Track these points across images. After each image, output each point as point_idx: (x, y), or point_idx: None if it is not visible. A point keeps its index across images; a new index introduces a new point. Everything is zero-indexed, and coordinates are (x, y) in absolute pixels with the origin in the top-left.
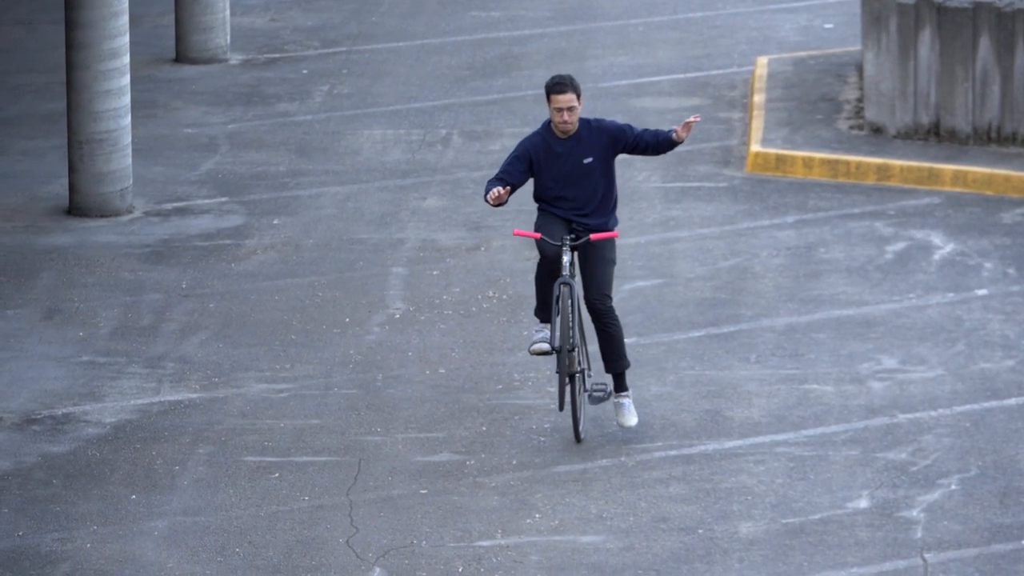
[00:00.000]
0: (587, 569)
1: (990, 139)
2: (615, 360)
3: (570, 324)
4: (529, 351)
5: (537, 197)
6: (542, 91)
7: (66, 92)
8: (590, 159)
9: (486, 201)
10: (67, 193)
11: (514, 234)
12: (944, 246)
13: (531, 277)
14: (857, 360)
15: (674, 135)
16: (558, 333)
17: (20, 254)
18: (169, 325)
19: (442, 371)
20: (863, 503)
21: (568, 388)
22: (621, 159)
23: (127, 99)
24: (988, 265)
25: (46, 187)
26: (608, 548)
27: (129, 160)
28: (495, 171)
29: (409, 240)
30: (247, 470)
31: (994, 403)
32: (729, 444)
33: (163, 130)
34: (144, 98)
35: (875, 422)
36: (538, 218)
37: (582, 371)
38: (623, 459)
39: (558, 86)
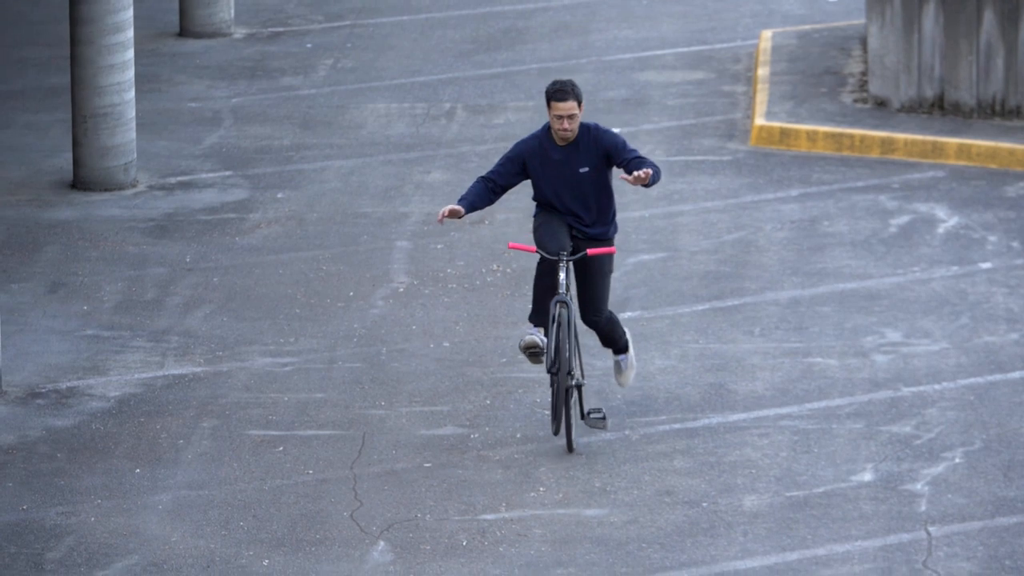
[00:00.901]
0: (591, 542)
1: (994, 112)
2: (611, 343)
3: (566, 349)
4: (519, 346)
5: (537, 198)
6: (546, 64)
7: (70, 66)
8: (585, 168)
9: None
10: (71, 167)
11: (510, 247)
12: (948, 219)
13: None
14: (861, 333)
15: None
16: (553, 356)
17: (24, 228)
18: (173, 299)
19: (446, 345)
20: (867, 476)
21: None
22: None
23: (131, 73)
24: (992, 238)
25: (50, 161)
26: (612, 521)
27: (133, 134)
28: (500, 145)
29: (413, 214)
30: (251, 444)
31: (998, 376)
32: (733, 417)
33: (167, 104)
34: (148, 72)
35: (879, 395)
36: (537, 215)
37: (578, 386)
38: (627, 432)
39: (559, 93)
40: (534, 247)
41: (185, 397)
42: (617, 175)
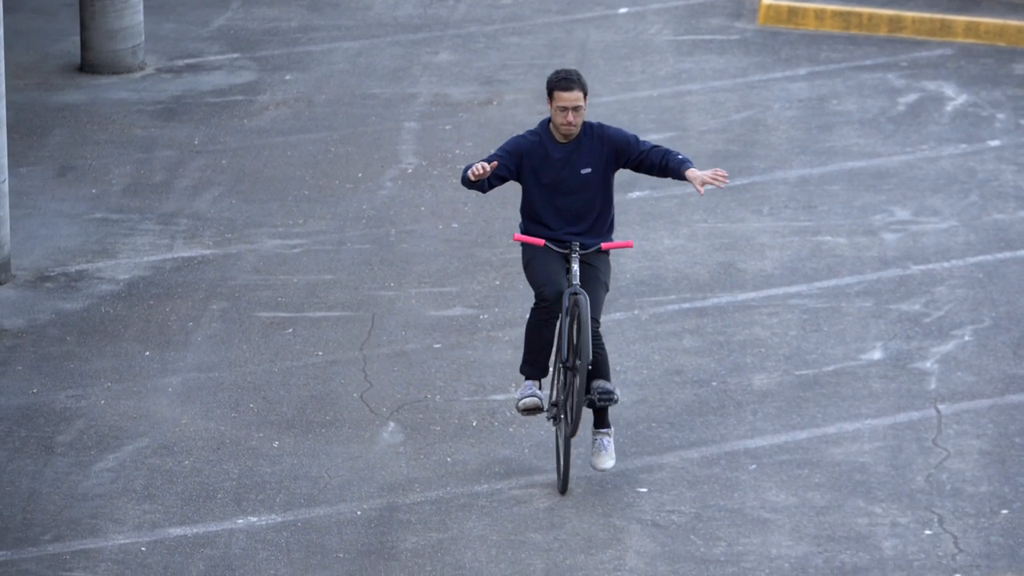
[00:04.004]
0: None
1: None
2: (600, 389)
3: (587, 338)
4: (517, 408)
5: (524, 209)
6: None
7: None
8: (588, 170)
9: (466, 178)
10: (79, 50)
11: (514, 239)
12: (956, 97)
13: None
14: (870, 212)
15: (691, 179)
16: (568, 349)
17: (32, 112)
18: (182, 181)
19: (455, 226)
20: (877, 355)
21: (558, 432)
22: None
23: None
24: (1001, 116)
25: (58, 45)
26: (622, 401)
27: (141, 17)
28: (507, 26)
29: (421, 95)
30: (261, 326)
31: (1007, 254)
32: (742, 296)
33: None
34: None
35: (888, 273)
36: (527, 252)
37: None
38: (636, 312)
39: (564, 82)
40: (542, 240)
41: (194, 279)
42: (685, 189)
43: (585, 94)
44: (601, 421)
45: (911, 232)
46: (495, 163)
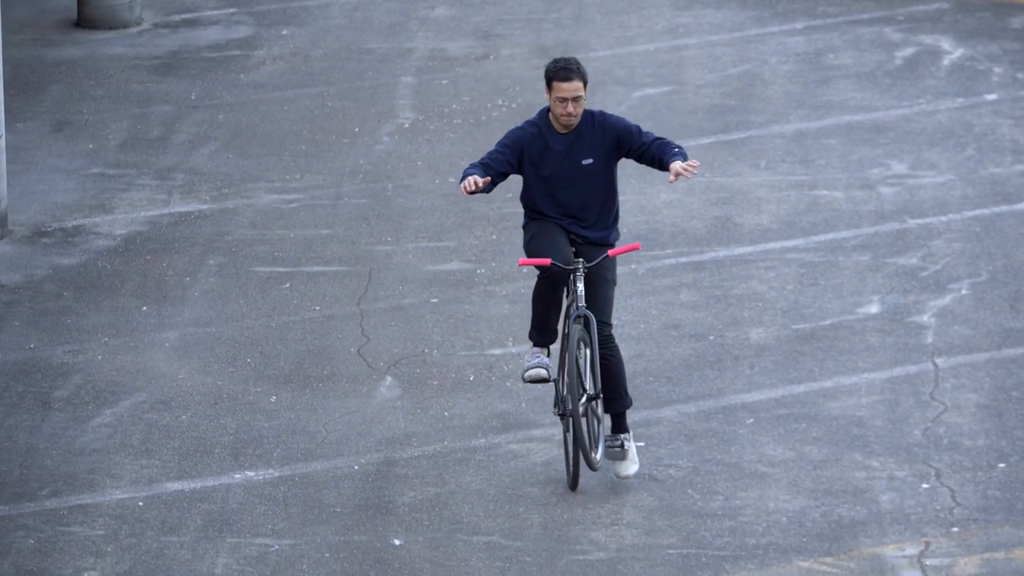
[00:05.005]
0: None
1: None
2: (615, 398)
3: (581, 378)
4: (523, 378)
5: (525, 202)
6: None
7: None
8: (590, 160)
9: (463, 188)
10: (75, 5)
11: (520, 264)
12: (953, 51)
13: (540, 85)
14: (867, 165)
15: (670, 169)
16: (564, 392)
17: (29, 67)
18: (179, 136)
19: (452, 180)
20: (874, 308)
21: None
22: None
23: None
24: (998, 70)
25: (54, 0)
26: None
27: None
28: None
29: (418, 49)
30: (258, 280)
31: (1004, 207)
32: (739, 251)
33: None
34: None
35: (885, 227)
36: (530, 227)
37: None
38: (634, 267)
39: (563, 71)
40: (548, 260)
41: (191, 234)
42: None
43: (585, 83)
44: (619, 427)
45: (908, 186)
46: (488, 179)
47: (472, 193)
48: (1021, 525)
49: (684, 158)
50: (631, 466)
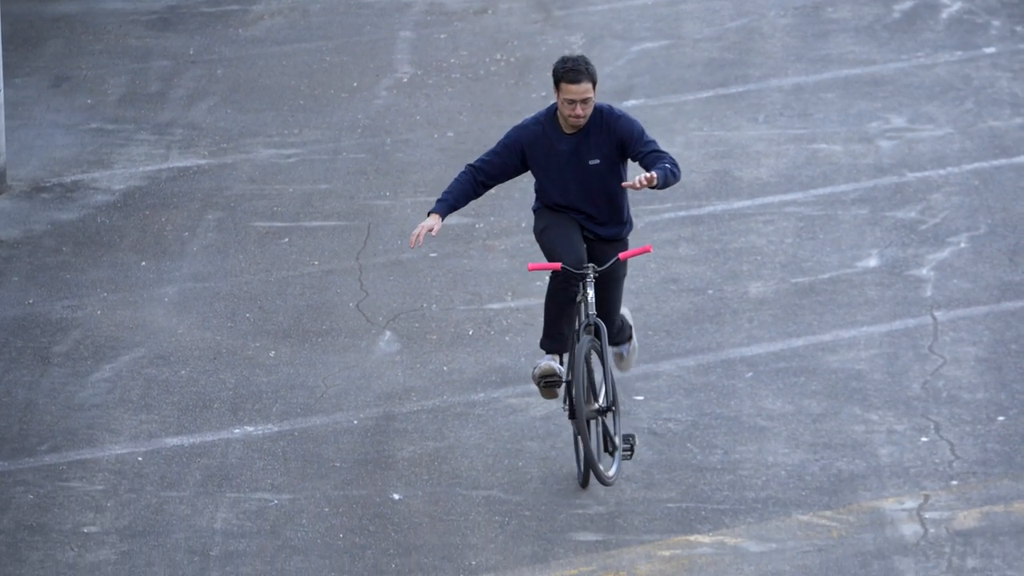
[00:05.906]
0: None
1: None
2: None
3: (592, 390)
4: (533, 375)
5: (538, 191)
6: None
7: None
8: (596, 160)
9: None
10: None
11: (529, 269)
12: (952, 4)
13: (538, 40)
14: (865, 119)
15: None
16: (573, 399)
17: (27, 23)
18: (177, 91)
19: (450, 135)
20: (873, 262)
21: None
22: None
23: None
24: (996, 23)
25: None
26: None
27: None
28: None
29: (416, 3)
30: (256, 235)
31: (1003, 160)
32: (738, 204)
33: None
34: None
35: (884, 181)
36: (542, 215)
37: (607, 411)
38: (633, 221)
39: (572, 73)
40: (558, 264)
41: (190, 189)
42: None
43: (594, 84)
44: (622, 342)
45: (907, 139)
46: (438, 225)
47: (457, 203)
48: (1020, 478)
49: (666, 172)
50: (633, 358)
